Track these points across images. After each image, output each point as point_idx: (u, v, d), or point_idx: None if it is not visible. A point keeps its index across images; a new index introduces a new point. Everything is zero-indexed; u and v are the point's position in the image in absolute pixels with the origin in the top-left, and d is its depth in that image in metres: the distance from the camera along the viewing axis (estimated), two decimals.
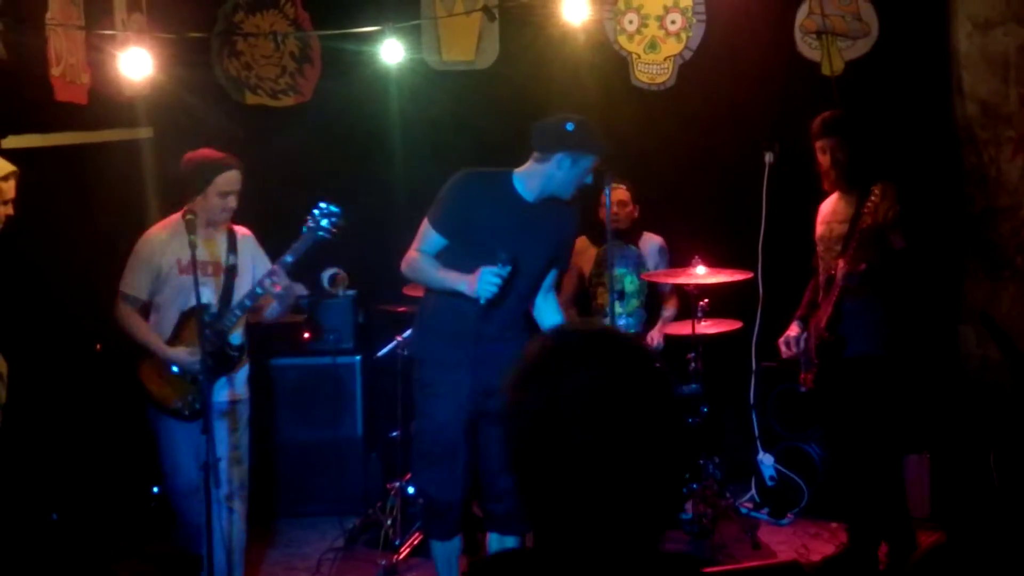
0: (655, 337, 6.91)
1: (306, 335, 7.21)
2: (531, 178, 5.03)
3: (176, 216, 5.52)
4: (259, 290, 5.36)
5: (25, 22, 5.64)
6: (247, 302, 5.40)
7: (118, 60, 6.31)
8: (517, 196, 5.03)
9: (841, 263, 5.63)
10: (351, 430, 7.19)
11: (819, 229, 6.04)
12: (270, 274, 5.30)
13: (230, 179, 5.44)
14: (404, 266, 5.11)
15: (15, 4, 5.61)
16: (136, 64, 6.26)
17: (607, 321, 6.75)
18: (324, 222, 5.31)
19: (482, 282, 4.72)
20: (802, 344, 5.99)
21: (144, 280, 5.46)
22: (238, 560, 5.62)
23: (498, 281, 4.72)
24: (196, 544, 5.36)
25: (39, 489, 5.46)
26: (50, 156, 5.85)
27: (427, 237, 5.08)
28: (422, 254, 5.06)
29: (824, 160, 5.88)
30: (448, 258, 4.99)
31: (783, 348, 6.08)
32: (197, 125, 7.32)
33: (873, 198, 5.53)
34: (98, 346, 6.23)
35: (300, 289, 5.80)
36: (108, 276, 6.29)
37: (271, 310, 5.64)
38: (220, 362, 5.42)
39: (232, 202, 5.48)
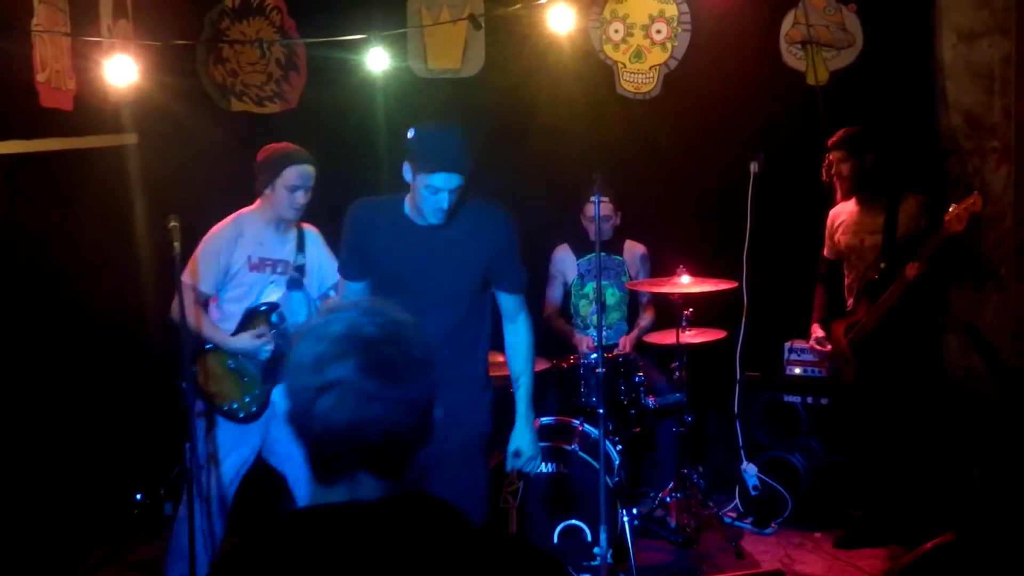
0: (626, 345, 6.91)
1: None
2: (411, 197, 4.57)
3: (243, 210, 5.47)
4: (332, 291, 5.30)
5: (10, 28, 5.63)
6: (319, 303, 5.34)
7: (104, 67, 6.30)
8: (405, 218, 4.61)
9: (916, 265, 6.01)
10: None
11: (844, 239, 6.45)
12: None
13: (300, 173, 5.36)
14: None
15: (0, 10, 5.60)
16: (121, 71, 6.25)
17: (592, 332, 6.77)
18: None
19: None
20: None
21: (212, 274, 5.30)
22: None
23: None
24: (183, 543, 5.17)
25: (14, 494, 5.44)
26: (35, 162, 5.84)
27: (341, 287, 4.80)
28: None
29: (840, 171, 6.31)
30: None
31: (818, 347, 6.57)
32: (182, 132, 7.32)
33: (965, 207, 5.94)
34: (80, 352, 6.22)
35: None
36: (93, 282, 6.30)
37: None
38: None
39: (301, 198, 5.37)
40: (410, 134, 4.46)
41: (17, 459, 5.45)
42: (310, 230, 5.62)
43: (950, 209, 5.98)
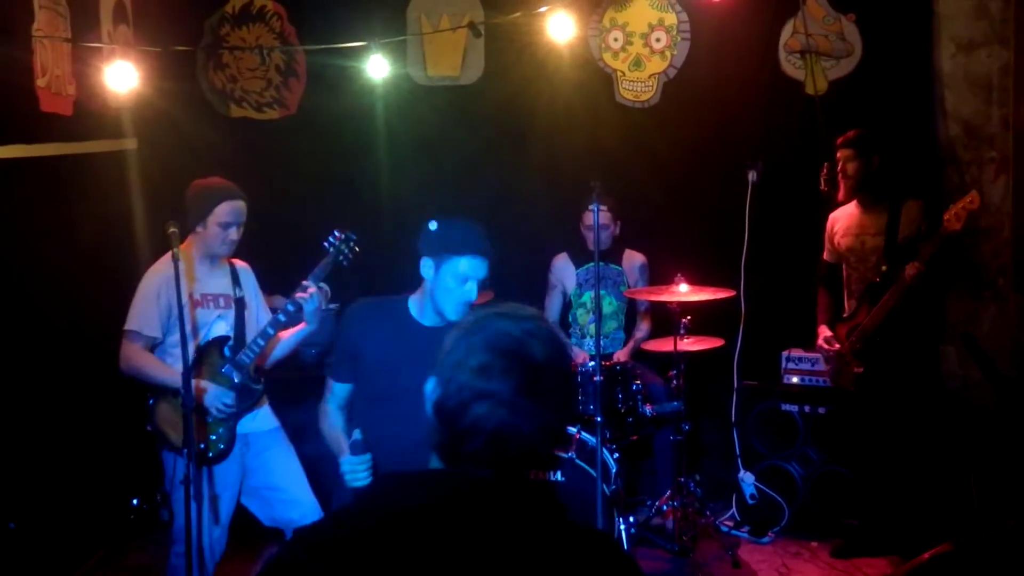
0: (622, 356, 6.92)
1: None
2: (422, 296, 4.36)
3: (174, 250, 5.18)
4: (282, 316, 5.11)
5: (11, 33, 5.64)
6: (270, 330, 5.15)
7: (104, 72, 6.32)
8: (411, 320, 4.35)
9: (916, 265, 6.02)
10: None
11: (844, 241, 6.44)
12: (302, 290, 5.06)
13: (232, 209, 5.18)
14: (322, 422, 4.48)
15: (1, 15, 5.61)
16: (121, 76, 6.27)
17: (589, 343, 6.77)
18: (345, 248, 5.19)
19: (346, 475, 4.09)
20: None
21: (156, 316, 5.12)
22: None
23: (360, 472, 4.04)
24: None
25: (12, 498, 5.44)
26: (35, 167, 5.84)
27: (328, 386, 4.50)
28: (330, 410, 4.47)
29: (845, 169, 6.29)
30: (359, 404, 4.41)
31: (827, 346, 6.48)
32: (182, 137, 7.33)
33: (963, 206, 5.95)
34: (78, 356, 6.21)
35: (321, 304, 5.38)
36: (92, 286, 6.30)
37: (280, 347, 5.43)
38: (245, 396, 5.21)
39: (234, 234, 5.21)
40: (432, 226, 4.24)
41: (15, 463, 5.45)
42: (241, 266, 5.47)
43: (949, 209, 5.98)
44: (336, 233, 5.18)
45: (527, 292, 7.32)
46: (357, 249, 5.23)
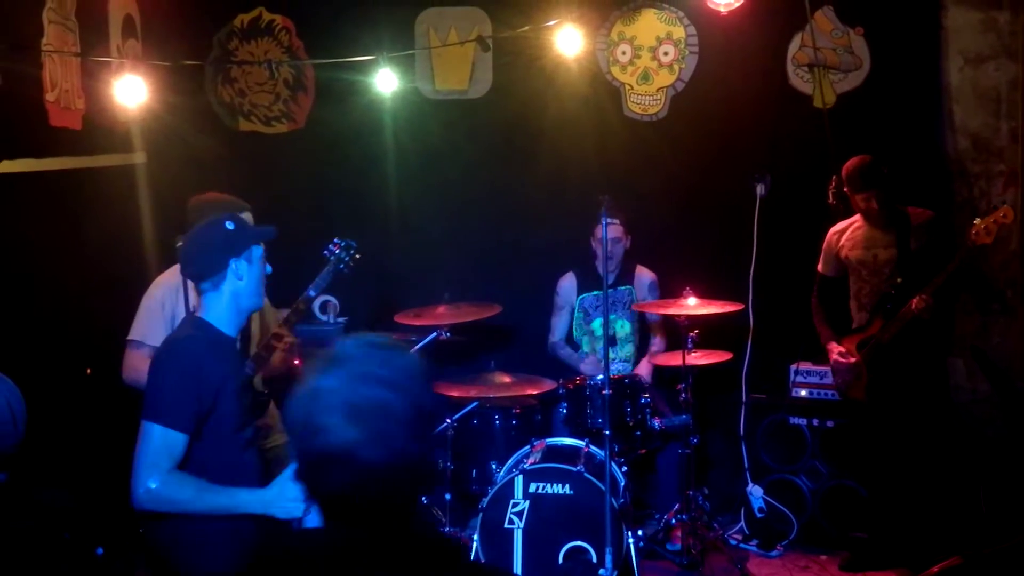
0: (641, 371, 6.92)
1: (296, 362, 7.18)
2: (219, 305, 3.93)
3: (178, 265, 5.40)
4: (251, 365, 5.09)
5: (21, 48, 5.65)
6: (263, 354, 5.15)
7: (113, 86, 6.34)
8: (223, 336, 3.94)
9: (924, 297, 6.01)
10: None
11: (854, 254, 6.44)
12: (275, 337, 5.11)
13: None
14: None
15: (11, 30, 5.63)
16: (130, 90, 6.28)
17: (596, 364, 6.75)
18: (345, 256, 5.20)
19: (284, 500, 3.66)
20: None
21: (160, 326, 5.15)
22: None
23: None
24: None
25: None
26: (44, 181, 5.86)
27: (162, 446, 3.70)
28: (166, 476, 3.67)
29: (870, 207, 6.26)
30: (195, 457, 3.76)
31: (843, 360, 6.44)
32: (190, 151, 7.35)
33: (994, 220, 5.91)
34: (88, 370, 6.22)
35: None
36: (101, 300, 6.30)
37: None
38: (254, 407, 5.08)
39: None
40: (230, 225, 3.96)
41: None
42: None
43: (976, 222, 5.96)
44: (336, 241, 5.21)
45: (533, 306, 7.33)
46: (358, 256, 5.24)
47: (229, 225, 3.93)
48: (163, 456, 3.66)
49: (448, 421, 6.39)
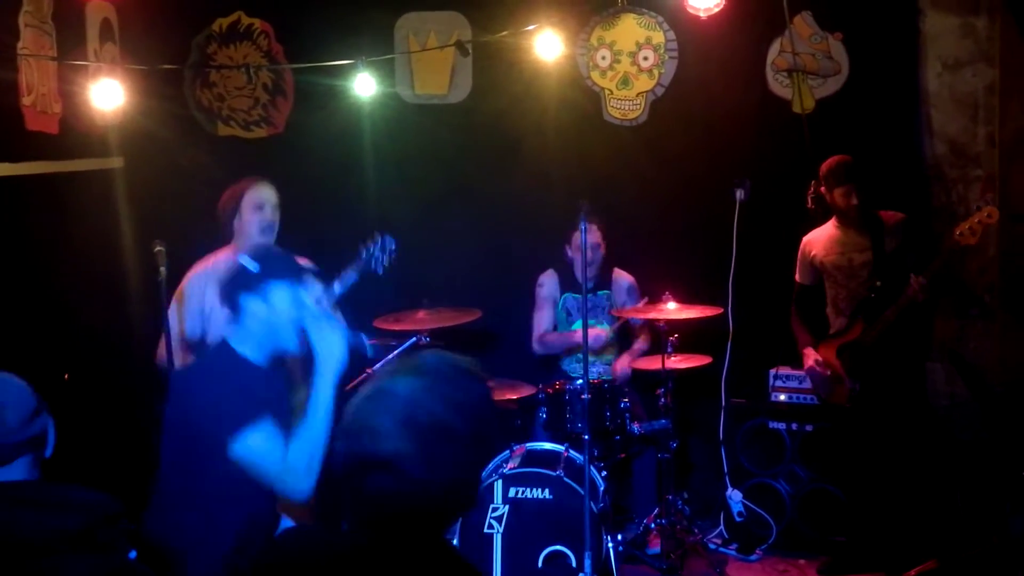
0: (623, 363, 6.91)
1: None
2: (254, 333, 3.96)
3: (219, 252, 5.49)
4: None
5: None
6: None
7: (90, 90, 6.31)
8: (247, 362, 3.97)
9: (920, 279, 6.00)
10: None
11: (829, 259, 6.48)
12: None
13: (260, 191, 5.42)
14: None
15: None
16: (108, 94, 6.26)
17: (578, 368, 6.75)
18: (384, 258, 5.23)
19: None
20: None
21: (189, 317, 5.28)
22: None
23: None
24: None
25: None
26: (20, 185, 5.83)
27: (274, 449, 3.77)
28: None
29: (849, 202, 6.28)
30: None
31: (819, 369, 6.45)
32: (169, 156, 7.32)
33: (979, 220, 5.95)
34: (66, 375, 6.19)
35: None
36: (79, 305, 6.28)
37: None
38: None
39: (269, 214, 5.42)
40: (255, 268, 3.98)
41: None
42: (304, 263, 5.54)
43: (960, 223, 5.99)
44: (375, 244, 5.26)
45: (513, 311, 7.32)
46: (393, 258, 5.30)
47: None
48: (277, 454, 3.70)
49: None
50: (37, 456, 3.12)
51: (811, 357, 6.50)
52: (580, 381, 6.07)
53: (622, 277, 7.16)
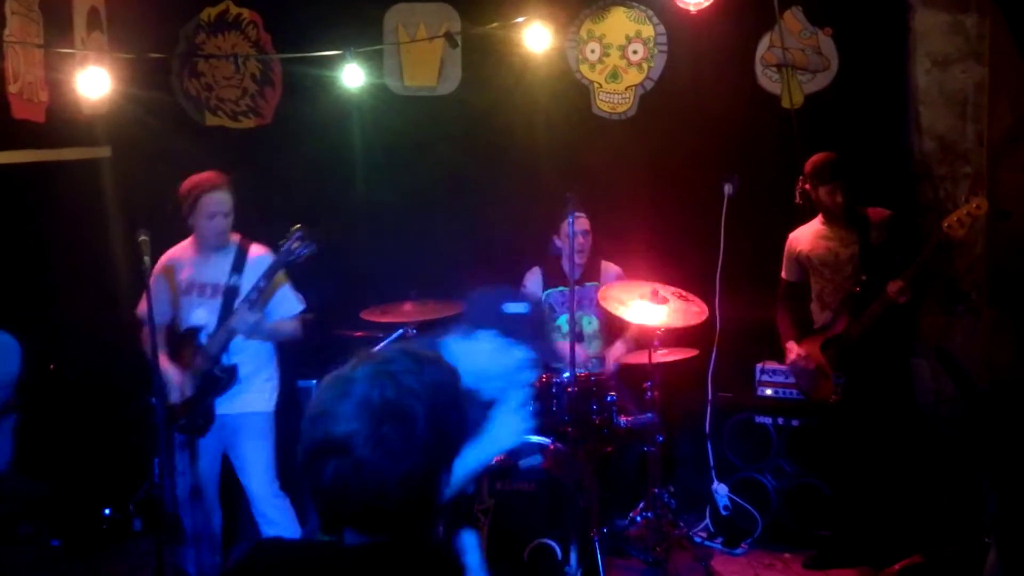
0: (617, 352, 6.89)
1: None
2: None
3: (183, 242, 5.67)
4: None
5: None
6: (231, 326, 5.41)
7: (77, 79, 6.28)
8: None
9: (898, 282, 6.03)
10: None
11: (815, 254, 6.49)
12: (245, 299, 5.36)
13: (213, 199, 5.47)
14: None
15: None
16: (95, 83, 6.22)
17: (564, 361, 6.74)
18: (304, 250, 5.33)
19: None
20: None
21: (156, 303, 5.29)
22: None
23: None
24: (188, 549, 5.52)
25: None
26: (6, 174, 5.81)
27: None
28: None
29: (835, 200, 6.29)
30: None
31: (803, 363, 6.48)
32: (156, 145, 7.29)
33: (967, 212, 5.90)
34: (51, 365, 6.17)
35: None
36: (64, 294, 6.25)
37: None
38: (208, 384, 5.45)
39: (220, 223, 5.51)
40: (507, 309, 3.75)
41: None
42: (256, 254, 5.64)
43: (948, 215, 5.98)
44: (291, 238, 5.39)
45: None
46: (311, 249, 5.37)
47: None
48: None
49: None
50: None
51: (794, 351, 6.51)
52: (567, 374, 6.07)
53: (610, 268, 7.14)
